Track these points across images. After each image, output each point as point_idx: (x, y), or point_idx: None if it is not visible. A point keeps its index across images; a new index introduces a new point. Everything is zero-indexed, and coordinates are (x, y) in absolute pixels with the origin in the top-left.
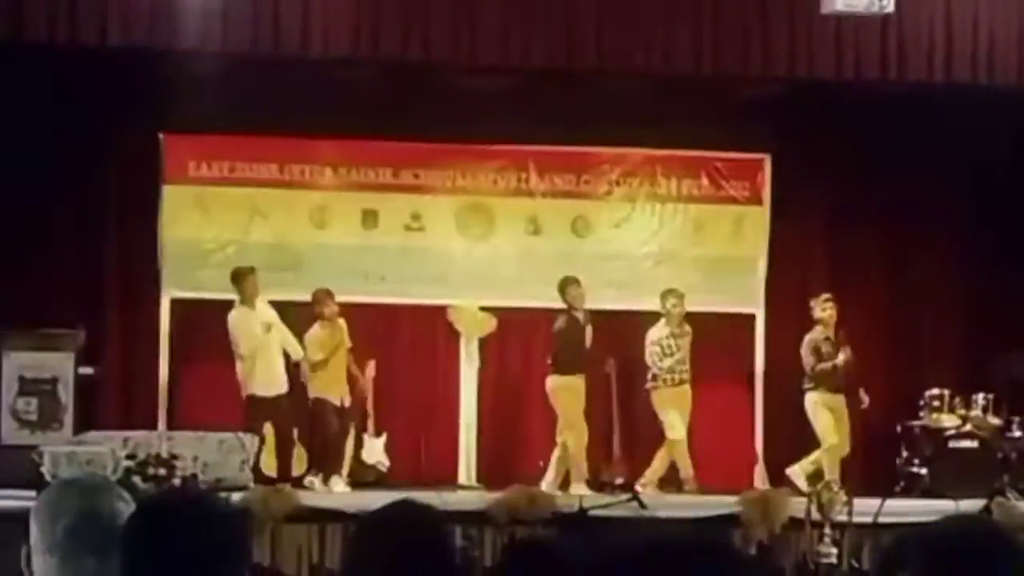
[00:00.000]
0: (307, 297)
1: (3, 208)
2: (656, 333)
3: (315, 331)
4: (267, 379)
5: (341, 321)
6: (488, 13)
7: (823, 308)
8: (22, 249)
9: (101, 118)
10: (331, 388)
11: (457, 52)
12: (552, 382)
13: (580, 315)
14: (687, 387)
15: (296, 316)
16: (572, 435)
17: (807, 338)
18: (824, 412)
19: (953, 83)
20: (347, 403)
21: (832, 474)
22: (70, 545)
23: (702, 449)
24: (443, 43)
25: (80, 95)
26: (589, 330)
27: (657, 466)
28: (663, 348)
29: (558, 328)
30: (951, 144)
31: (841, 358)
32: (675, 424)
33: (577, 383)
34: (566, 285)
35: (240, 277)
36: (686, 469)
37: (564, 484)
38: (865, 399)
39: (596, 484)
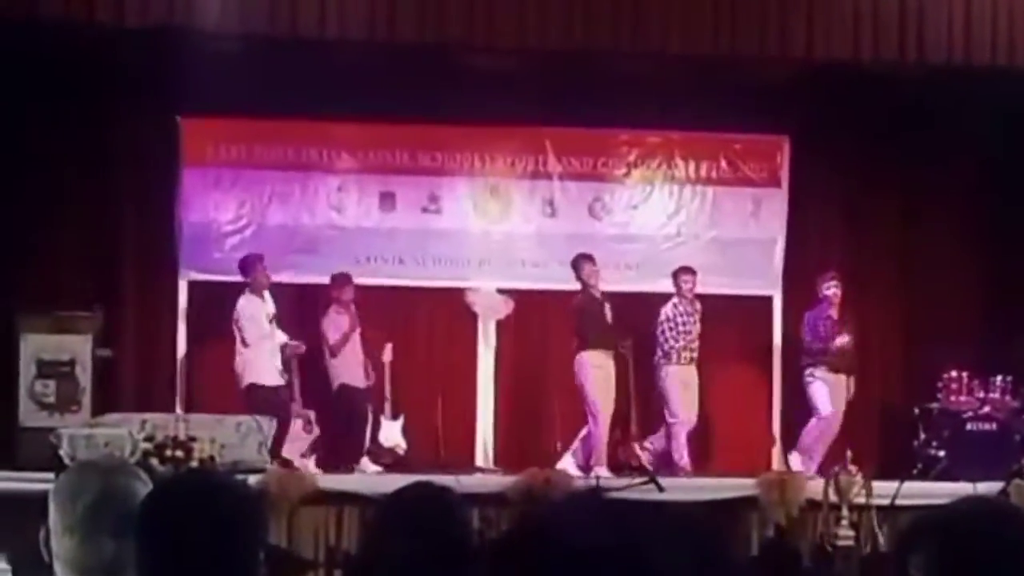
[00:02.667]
0: (324, 280)
1: (20, 190)
2: (670, 310)
3: (331, 315)
4: (269, 368)
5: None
6: None
7: (828, 287)
8: (39, 232)
9: (118, 100)
10: (351, 372)
11: (474, 33)
12: (583, 358)
13: (596, 292)
14: (694, 367)
15: (313, 298)
16: (600, 413)
17: (807, 315)
18: (820, 388)
19: (972, 65)
20: (366, 385)
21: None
22: (89, 526)
23: (719, 431)
24: (460, 24)
25: (98, 77)
26: (608, 307)
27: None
28: (678, 325)
29: (577, 305)
30: (970, 126)
31: (837, 342)
32: (686, 404)
33: (606, 358)
34: (580, 262)
35: (249, 265)
36: (681, 452)
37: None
38: (850, 388)
39: (614, 465)
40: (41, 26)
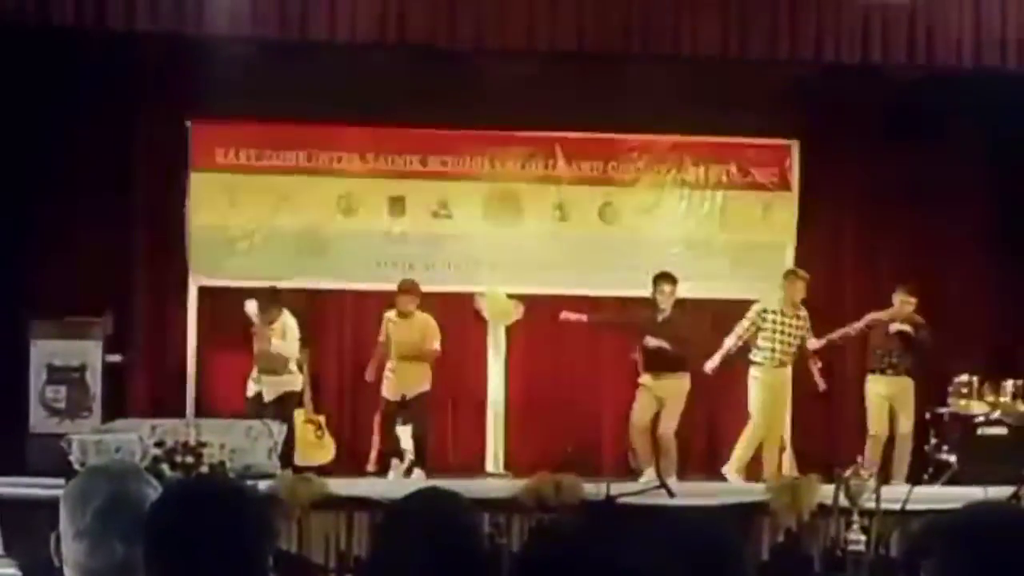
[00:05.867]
0: (334, 285)
1: (30, 196)
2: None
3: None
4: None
5: (422, 318)
6: None
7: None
8: (50, 237)
9: (128, 104)
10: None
11: (485, 38)
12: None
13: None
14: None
15: (321, 304)
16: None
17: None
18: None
19: (981, 68)
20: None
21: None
22: (99, 530)
23: (730, 436)
24: (470, 29)
25: (107, 81)
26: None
27: (740, 453)
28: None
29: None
30: (979, 129)
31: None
32: (766, 409)
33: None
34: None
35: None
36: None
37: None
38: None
39: (624, 472)
40: (52, 32)
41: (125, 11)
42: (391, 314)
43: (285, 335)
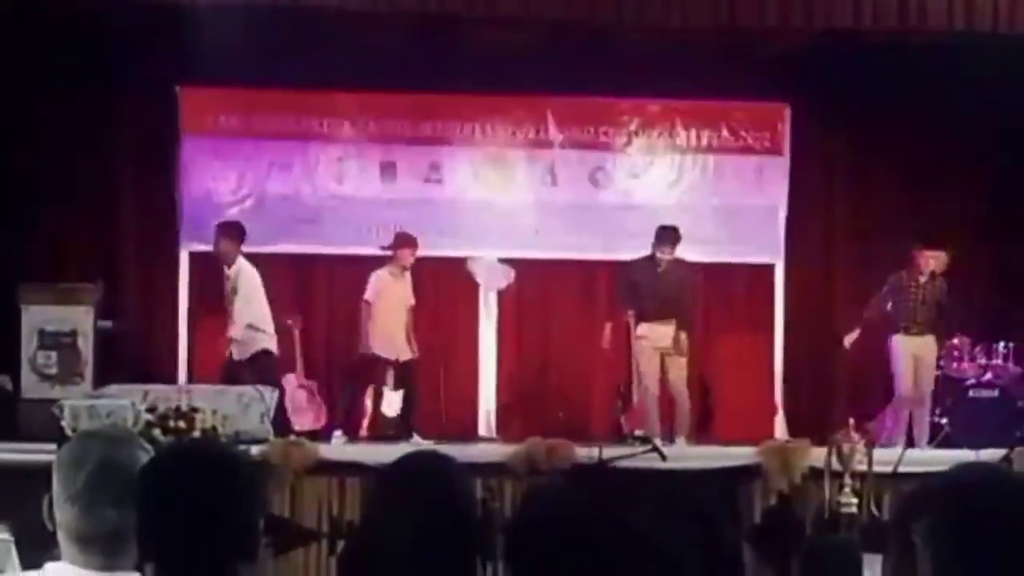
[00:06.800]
0: (325, 250)
1: (20, 162)
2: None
3: (377, 273)
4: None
5: (407, 275)
6: None
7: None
8: (40, 204)
9: (118, 70)
10: (381, 342)
11: (476, 3)
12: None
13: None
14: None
15: (312, 269)
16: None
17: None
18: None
19: (973, 31)
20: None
21: None
22: (91, 495)
23: (722, 400)
24: None
25: (97, 46)
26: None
27: None
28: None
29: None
30: (971, 93)
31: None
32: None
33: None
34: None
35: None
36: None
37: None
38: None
39: (615, 435)
40: None
41: None
42: (384, 272)
43: (238, 289)
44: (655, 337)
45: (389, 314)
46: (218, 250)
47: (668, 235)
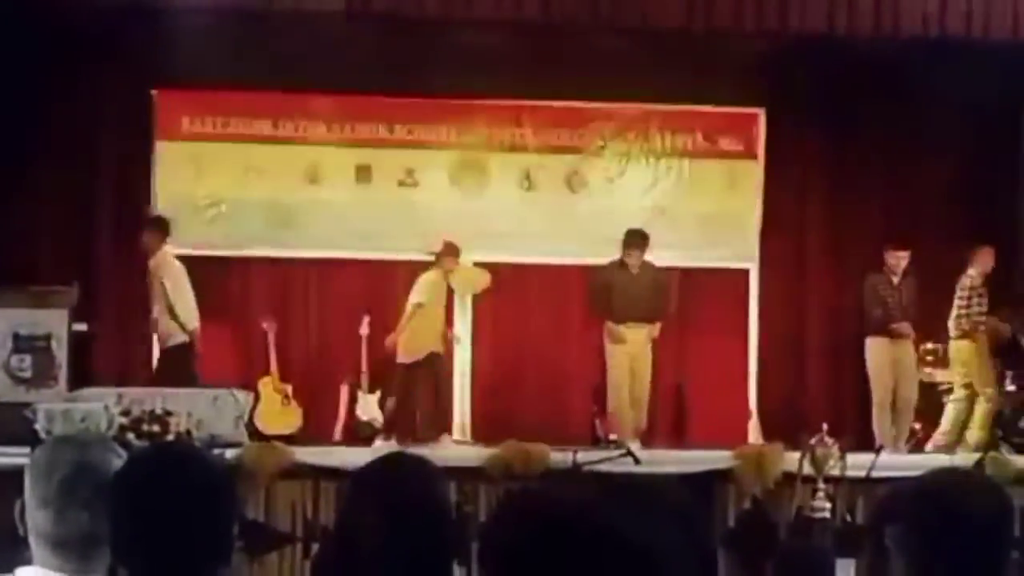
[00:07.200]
0: (301, 254)
1: None
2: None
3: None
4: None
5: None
6: None
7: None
8: (15, 206)
9: (92, 73)
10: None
11: (451, 6)
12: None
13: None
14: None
15: (288, 272)
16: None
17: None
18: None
19: (947, 37)
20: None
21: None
22: (64, 499)
23: (696, 404)
24: None
25: (71, 50)
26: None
27: None
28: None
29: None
30: (945, 98)
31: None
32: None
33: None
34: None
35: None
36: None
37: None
38: None
39: (591, 439)
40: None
41: None
42: (434, 275)
43: (164, 281)
44: (629, 340)
45: (435, 314)
46: (141, 242)
47: (636, 239)
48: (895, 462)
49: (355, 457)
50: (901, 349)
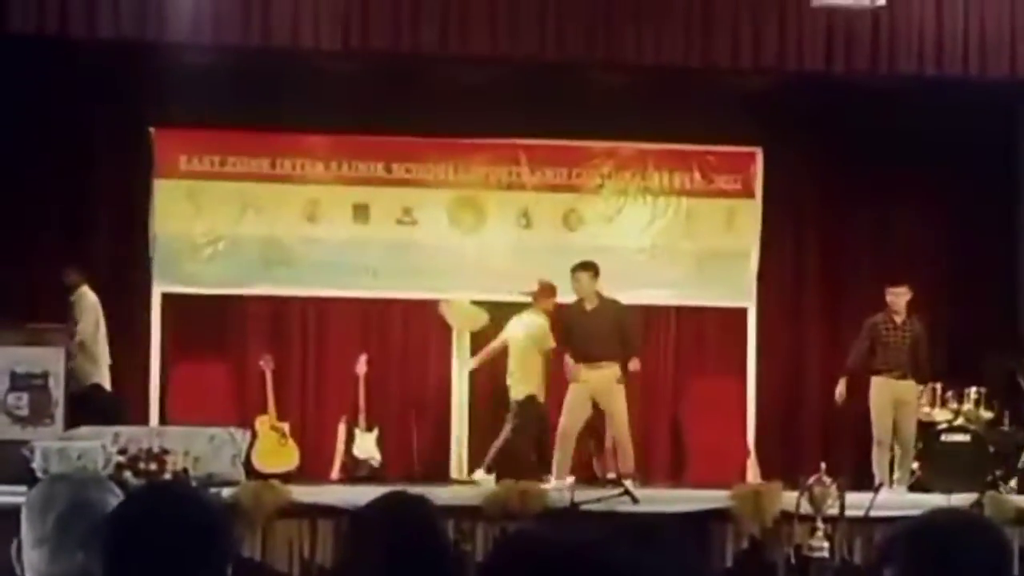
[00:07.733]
0: (298, 292)
1: None
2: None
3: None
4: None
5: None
6: (479, 5)
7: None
8: (12, 244)
9: (91, 112)
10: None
11: (448, 44)
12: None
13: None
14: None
15: (285, 311)
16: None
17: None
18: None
19: (944, 76)
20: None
21: None
22: (60, 538)
23: (694, 443)
24: (434, 36)
25: (70, 89)
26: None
27: None
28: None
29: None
30: (942, 137)
31: None
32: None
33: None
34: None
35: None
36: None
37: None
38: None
39: (587, 478)
40: (13, 39)
41: (87, 18)
42: (528, 315)
43: (82, 316)
44: (591, 379)
45: (530, 353)
46: (64, 277)
47: (577, 268)
48: (894, 501)
49: (353, 496)
50: (904, 389)
